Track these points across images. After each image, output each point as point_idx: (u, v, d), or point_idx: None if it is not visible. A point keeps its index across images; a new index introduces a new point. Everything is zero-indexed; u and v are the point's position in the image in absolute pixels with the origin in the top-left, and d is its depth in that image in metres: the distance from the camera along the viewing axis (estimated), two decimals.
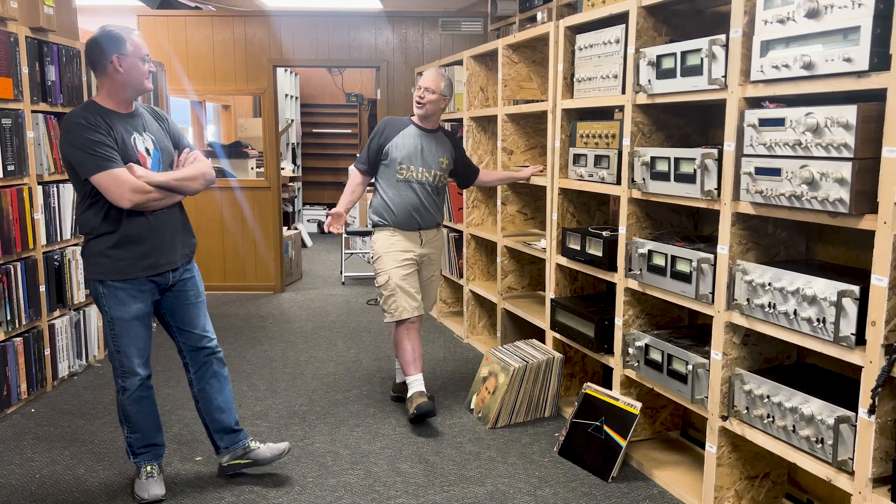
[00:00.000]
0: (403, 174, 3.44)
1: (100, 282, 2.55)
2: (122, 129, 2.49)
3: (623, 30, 2.93)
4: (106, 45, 2.45)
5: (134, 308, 2.58)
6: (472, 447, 3.18)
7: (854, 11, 1.92)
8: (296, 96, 10.55)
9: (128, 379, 2.63)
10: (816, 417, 2.11)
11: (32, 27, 3.77)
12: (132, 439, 2.72)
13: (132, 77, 2.49)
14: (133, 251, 2.53)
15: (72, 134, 2.40)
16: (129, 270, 2.54)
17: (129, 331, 2.59)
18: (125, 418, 2.69)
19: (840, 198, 1.95)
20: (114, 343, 2.61)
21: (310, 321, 5.41)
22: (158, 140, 2.62)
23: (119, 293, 2.55)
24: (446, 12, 6.57)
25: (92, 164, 2.39)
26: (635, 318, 3.02)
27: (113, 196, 2.41)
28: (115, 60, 2.45)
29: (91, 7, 6.97)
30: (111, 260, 2.52)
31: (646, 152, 2.76)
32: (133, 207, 2.44)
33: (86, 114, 2.44)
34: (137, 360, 2.63)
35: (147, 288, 2.60)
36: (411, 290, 3.44)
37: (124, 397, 2.66)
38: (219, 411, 2.86)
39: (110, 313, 2.57)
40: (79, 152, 2.39)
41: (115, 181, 2.39)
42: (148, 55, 2.53)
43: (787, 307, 2.16)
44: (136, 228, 2.52)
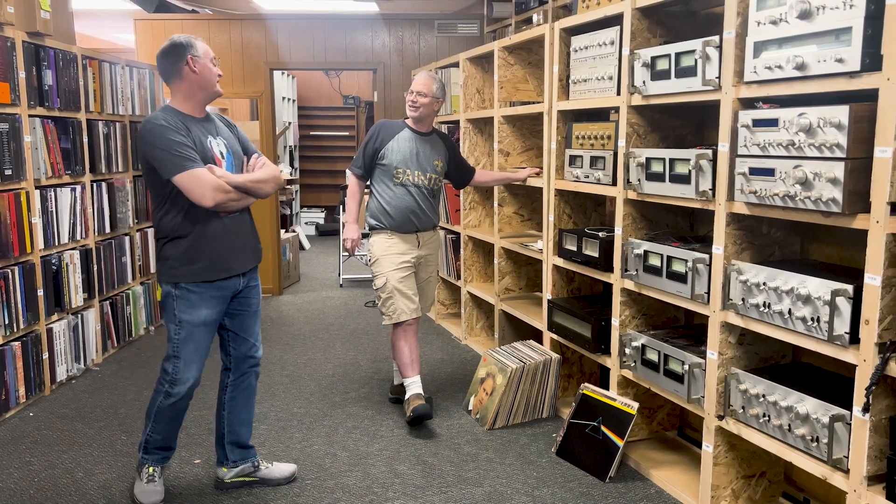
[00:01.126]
0: (400, 178, 3.45)
1: (173, 284, 2.56)
2: (198, 131, 2.54)
3: (618, 31, 2.94)
4: (179, 49, 2.51)
5: (204, 313, 2.58)
6: (469, 448, 3.19)
7: (846, 12, 1.93)
8: (293, 99, 10.55)
9: (177, 386, 2.60)
10: (812, 416, 2.12)
11: (29, 32, 3.78)
12: (151, 438, 2.70)
13: (205, 78, 2.55)
14: (209, 254, 2.55)
15: (153, 135, 2.43)
16: (204, 273, 2.55)
17: (194, 336, 2.58)
18: (155, 418, 2.67)
19: (833, 197, 1.97)
20: (174, 348, 2.59)
21: (308, 324, 5.42)
22: (230, 144, 2.66)
23: (191, 296, 2.56)
24: (442, 15, 6.59)
25: (174, 165, 2.41)
26: (632, 318, 3.03)
27: (195, 195, 2.42)
28: (190, 61, 2.51)
29: (88, 11, 6.99)
30: (187, 263, 2.53)
31: (641, 153, 2.77)
32: (214, 207, 2.46)
33: (165, 116, 2.48)
34: (195, 368, 2.62)
35: (218, 294, 2.61)
36: (409, 293, 3.45)
37: (167, 402, 2.62)
38: (241, 424, 2.85)
39: (179, 316, 2.56)
40: (161, 153, 2.42)
41: (198, 180, 2.42)
42: (216, 58, 2.60)
43: (781, 306, 2.17)
44: (213, 231, 2.55)
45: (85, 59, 4.33)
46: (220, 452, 2.85)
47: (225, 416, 2.83)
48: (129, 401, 3.79)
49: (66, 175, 4.13)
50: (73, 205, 4.17)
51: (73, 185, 4.20)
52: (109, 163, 4.64)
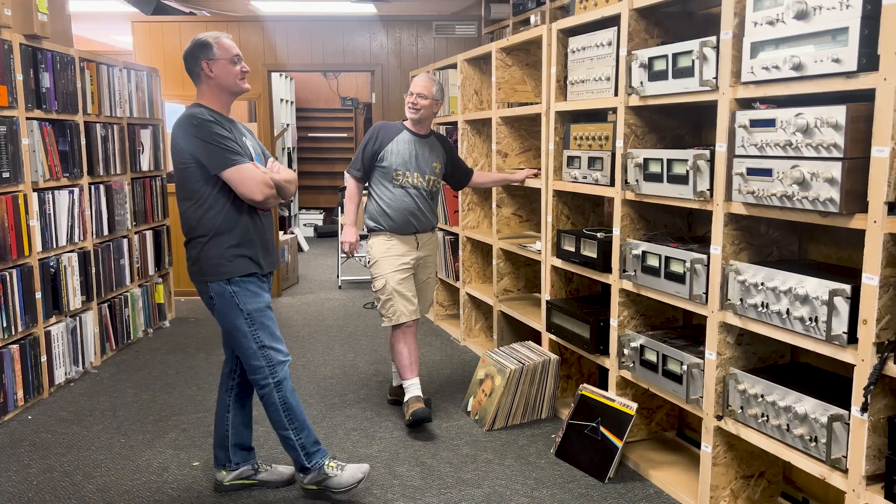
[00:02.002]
0: (399, 180, 3.45)
1: (227, 281, 2.54)
2: (235, 131, 2.57)
3: (615, 32, 2.95)
4: (195, 53, 2.53)
5: (265, 297, 2.62)
6: (468, 450, 3.19)
7: (842, 13, 1.93)
8: (291, 101, 10.55)
9: (278, 371, 2.61)
10: (810, 416, 2.12)
11: (27, 34, 3.78)
12: (303, 439, 2.68)
13: (224, 80, 2.54)
14: (253, 248, 2.58)
15: (200, 129, 2.44)
16: (253, 266, 2.58)
17: (267, 320, 2.60)
18: (290, 415, 2.64)
19: (830, 197, 1.97)
20: (256, 340, 2.58)
21: (306, 325, 5.42)
22: (255, 147, 2.69)
23: (250, 286, 2.57)
24: (440, 16, 6.59)
25: (224, 158, 2.44)
26: (630, 318, 3.03)
27: (246, 188, 2.46)
28: (206, 66, 2.52)
29: (85, 13, 6.99)
30: (237, 257, 2.54)
31: (639, 154, 2.77)
32: (262, 202, 2.50)
33: (208, 112, 2.50)
34: (281, 345, 2.64)
35: (267, 280, 2.66)
36: (408, 294, 3.45)
37: (284, 392, 2.62)
38: (245, 427, 2.86)
39: (247, 308, 2.56)
40: (209, 146, 2.43)
41: (249, 174, 2.45)
42: (238, 56, 2.57)
43: (779, 306, 2.18)
44: (251, 228, 2.58)
45: (82, 61, 4.33)
46: (221, 455, 2.83)
47: (229, 419, 2.82)
48: (128, 403, 3.79)
49: (64, 177, 4.13)
50: (71, 207, 4.17)
51: (71, 187, 4.20)
52: (107, 165, 4.63)
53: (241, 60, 2.60)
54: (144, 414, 3.63)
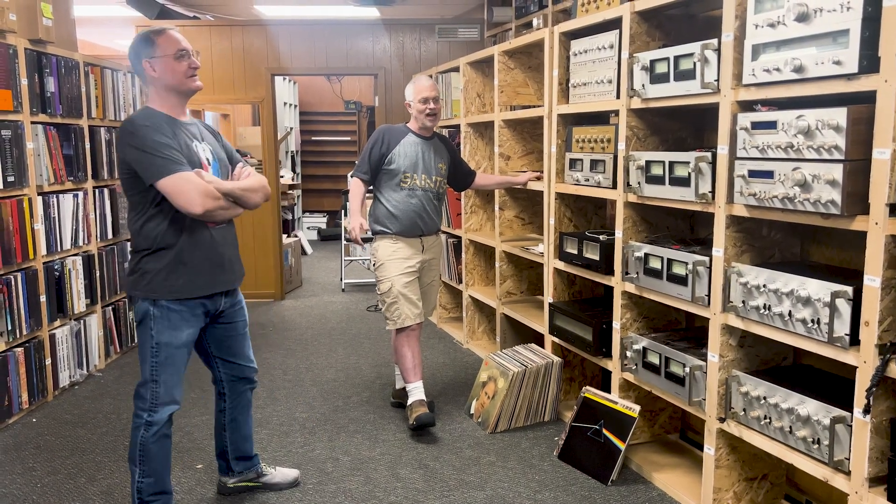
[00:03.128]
0: (407, 182, 3.46)
1: (152, 301, 2.32)
2: (183, 134, 2.33)
3: (617, 35, 2.95)
4: (137, 50, 2.33)
5: (185, 334, 2.38)
6: (471, 452, 3.19)
7: (843, 15, 1.94)
8: (294, 104, 10.58)
9: (158, 412, 2.38)
10: (812, 418, 2.12)
11: (31, 39, 3.80)
12: (144, 484, 2.42)
13: (169, 77, 2.31)
14: (193, 268, 2.34)
15: (135, 137, 2.21)
16: (187, 289, 2.34)
17: (174, 359, 2.37)
18: (143, 458, 2.40)
19: (832, 199, 1.97)
20: (153, 372, 2.36)
21: (310, 328, 5.42)
22: (216, 151, 2.47)
23: (173, 316, 2.34)
24: (443, 20, 6.60)
25: (159, 168, 2.19)
26: (633, 321, 3.03)
27: (183, 200, 2.20)
28: (147, 66, 2.31)
29: (89, 18, 7.01)
30: (170, 277, 2.31)
31: (640, 156, 2.78)
32: (203, 214, 2.24)
33: (148, 116, 2.29)
34: (177, 391, 2.42)
35: (199, 312, 2.42)
36: (413, 298, 3.45)
37: (149, 434, 2.38)
38: (244, 440, 2.78)
39: (157, 338, 2.33)
40: (144, 155, 2.20)
41: (187, 185, 2.20)
42: (184, 51, 2.31)
43: (781, 308, 2.17)
44: (198, 243, 2.34)
45: (87, 65, 4.35)
46: (223, 464, 2.79)
47: (227, 437, 2.75)
48: (132, 407, 3.78)
49: (69, 181, 4.15)
50: (76, 211, 4.19)
51: (76, 191, 4.22)
52: (112, 169, 4.65)
53: (190, 55, 2.33)
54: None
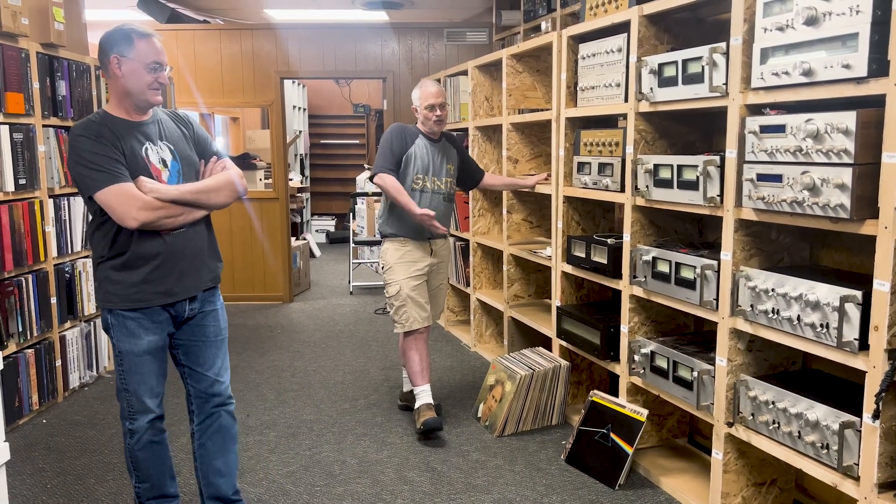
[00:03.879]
0: (419, 184, 3.46)
1: (108, 311, 2.28)
2: (132, 139, 2.20)
3: (625, 39, 2.95)
4: (109, 42, 2.19)
5: (145, 341, 2.28)
6: (478, 455, 3.19)
7: (852, 18, 1.93)
8: (304, 108, 10.62)
9: (136, 420, 2.32)
10: (821, 423, 2.11)
11: (43, 43, 3.83)
12: (141, 489, 2.40)
13: (131, 84, 2.19)
14: (145, 276, 2.24)
15: (73, 149, 2.15)
16: (140, 298, 2.25)
17: (139, 367, 2.28)
18: (133, 465, 2.37)
19: (841, 203, 1.96)
20: (122, 380, 2.31)
21: (318, 331, 5.44)
22: (179, 149, 2.32)
23: (129, 323, 2.26)
24: (451, 23, 6.62)
25: (93, 181, 2.11)
26: (641, 325, 3.03)
27: (117, 215, 2.13)
28: (114, 61, 2.17)
29: (101, 22, 7.07)
30: (121, 286, 2.24)
31: (649, 160, 2.77)
32: (141, 227, 2.15)
33: (90, 124, 2.18)
34: (149, 399, 2.31)
35: (162, 318, 2.31)
36: (421, 301, 3.45)
37: (133, 441, 2.34)
38: (217, 475, 2.49)
39: (119, 346, 2.28)
40: (80, 168, 2.13)
41: (119, 198, 2.11)
42: (158, 64, 2.20)
43: (790, 313, 2.17)
44: (149, 250, 2.23)
45: (98, 69, 4.39)
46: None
47: (198, 468, 2.51)
48: None
49: None
50: (86, 213, 4.22)
51: None
52: None
53: (162, 70, 2.22)
54: None
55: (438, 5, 6.75)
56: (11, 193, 3.54)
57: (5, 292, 3.46)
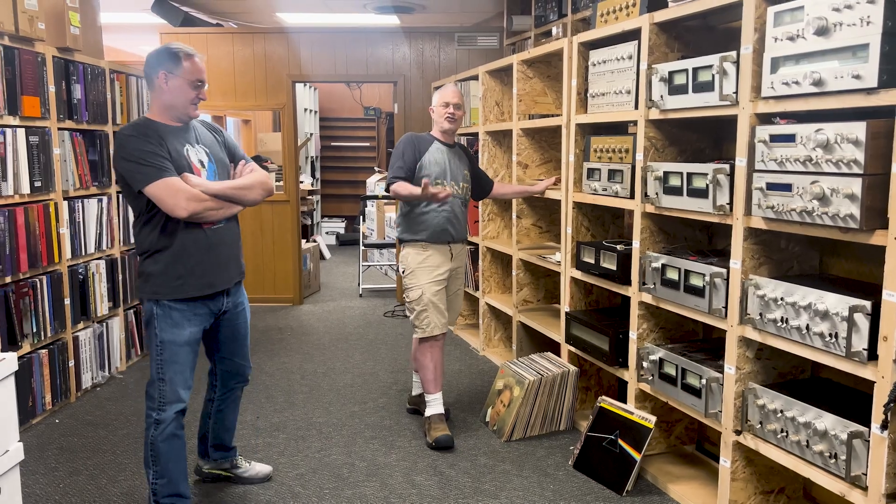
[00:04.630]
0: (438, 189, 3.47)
1: (154, 301, 2.45)
2: (174, 140, 2.44)
3: (636, 46, 2.96)
4: (159, 59, 2.43)
5: (187, 332, 2.48)
6: (486, 460, 3.20)
7: (863, 29, 1.93)
8: (315, 110, 10.67)
9: (166, 410, 2.47)
10: (830, 432, 2.11)
11: (59, 47, 3.88)
12: (158, 485, 2.51)
13: (175, 99, 2.45)
14: (190, 268, 2.44)
15: (123, 148, 2.36)
16: (186, 289, 2.45)
17: (178, 356, 2.47)
18: (153, 458, 2.50)
19: (850, 213, 1.96)
20: (159, 370, 2.46)
21: (327, 333, 5.47)
22: (213, 152, 2.57)
23: (174, 314, 2.45)
24: (462, 28, 6.64)
25: (144, 175, 2.32)
26: (650, 331, 3.03)
27: (168, 205, 2.33)
28: (162, 77, 2.43)
29: (115, 24, 7.14)
30: (168, 277, 2.43)
31: (658, 167, 2.78)
32: (189, 217, 2.36)
33: (137, 125, 2.42)
34: (182, 389, 2.50)
35: (202, 311, 2.52)
36: (441, 307, 3.46)
37: (157, 433, 2.48)
38: (226, 431, 2.93)
39: (161, 336, 2.45)
40: (131, 164, 2.34)
41: (169, 190, 2.32)
42: (200, 81, 2.47)
43: (799, 322, 2.17)
44: (194, 243, 2.44)
45: (112, 73, 4.44)
46: (201, 448, 2.95)
47: (210, 425, 2.90)
48: None
49: (93, 186, 4.22)
50: (100, 215, 4.26)
51: (100, 195, 4.29)
52: None
53: (203, 86, 2.49)
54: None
55: (449, 10, 6.78)
56: (27, 196, 3.58)
57: (20, 293, 3.50)
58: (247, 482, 2.95)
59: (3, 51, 3.39)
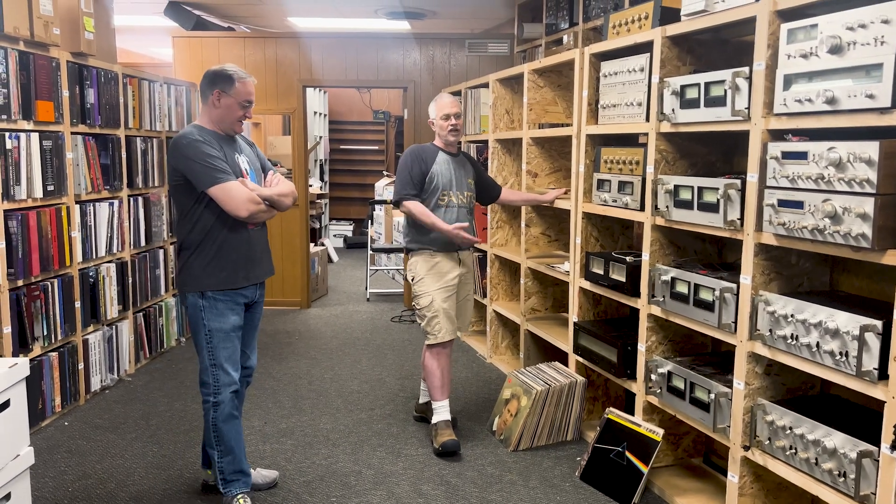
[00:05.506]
0: (445, 199, 3.48)
1: (200, 294, 2.67)
2: (228, 148, 2.70)
3: (647, 59, 2.96)
4: (215, 78, 2.68)
5: (232, 319, 2.71)
6: (493, 470, 3.20)
7: (877, 49, 1.93)
8: (324, 113, 10.70)
9: (222, 392, 2.70)
10: (839, 451, 2.10)
11: (73, 52, 3.91)
12: (224, 464, 2.75)
13: (225, 115, 2.70)
14: (234, 262, 2.69)
15: (189, 148, 2.58)
16: (230, 281, 2.69)
17: (227, 342, 2.70)
18: (217, 439, 2.73)
19: (863, 232, 1.96)
20: (210, 356, 2.70)
21: (335, 338, 5.48)
22: (252, 162, 2.82)
23: (219, 305, 2.68)
24: (473, 34, 6.65)
25: (209, 177, 2.56)
26: (658, 344, 3.03)
27: (231, 206, 2.58)
28: (216, 94, 2.67)
29: (128, 27, 7.18)
30: (214, 271, 2.66)
31: (669, 180, 2.78)
32: (247, 217, 2.62)
33: (201, 132, 2.65)
34: (234, 371, 2.73)
35: (241, 301, 2.75)
36: (452, 314, 3.48)
37: (218, 414, 2.71)
38: None
39: (209, 325, 2.68)
40: (197, 165, 2.56)
41: (234, 192, 2.57)
42: (249, 102, 2.72)
43: (809, 339, 2.17)
44: (238, 241, 2.70)
45: (125, 77, 4.46)
46: (204, 456, 2.96)
47: None
48: (161, 412, 3.87)
49: (105, 190, 4.25)
50: (111, 219, 4.29)
51: (112, 199, 4.32)
52: (146, 177, 4.76)
53: (250, 108, 2.74)
54: (177, 423, 3.72)
55: (461, 16, 6.79)
56: (40, 200, 3.61)
57: (32, 296, 3.53)
58: (252, 488, 2.95)
59: (19, 56, 3.42)
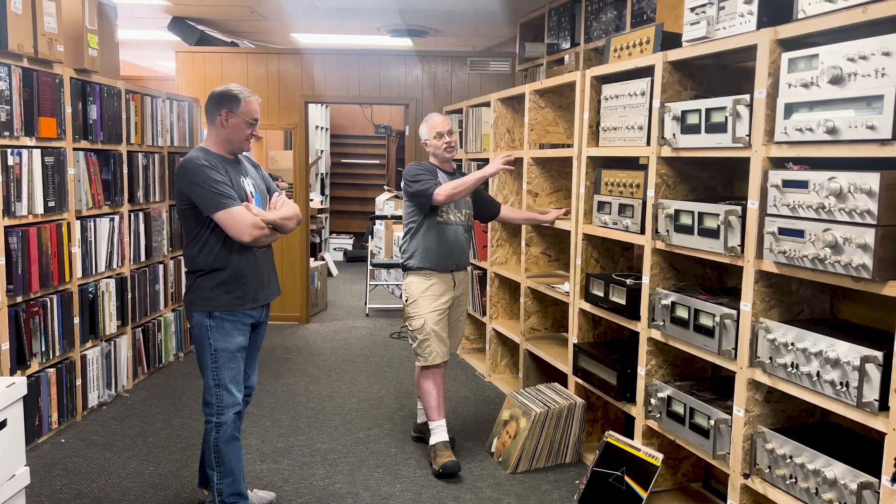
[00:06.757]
0: (444, 216, 3.50)
1: (207, 314, 2.68)
2: (232, 171, 2.71)
3: (649, 83, 2.98)
4: (221, 99, 2.69)
5: (238, 340, 2.72)
6: (491, 493, 3.18)
7: (878, 80, 1.94)
8: (326, 127, 10.73)
9: (225, 413, 2.70)
10: (839, 481, 2.09)
11: (77, 69, 3.92)
12: (223, 485, 2.73)
13: (233, 134, 2.71)
14: (243, 285, 2.70)
15: (195, 174, 2.59)
16: (238, 303, 2.70)
17: (231, 363, 2.70)
18: (218, 460, 2.71)
19: (863, 263, 1.96)
20: (215, 377, 2.70)
21: (333, 354, 5.46)
22: (257, 184, 2.84)
23: (226, 325, 2.69)
24: (475, 52, 6.68)
25: (214, 202, 2.58)
26: (658, 367, 3.02)
27: (235, 231, 2.60)
28: (224, 114, 2.68)
29: (131, 41, 7.22)
30: (223, 293, 2.67)
31: (670, 205, 2.78)
32: (251, 242, 2.63)
33: (207, 156, 2.65)
34: (237, 392, 2.73)
35: (248, 322, 2.76)
36: (443, 336, 3.48)
37: (219, 434, 2.70)
38: None
39: (215, 345, 2.68)
40: (203, 190, 2.58)
41: (238, 217, 2.59)
42: (255, 121, 2.74)
43: (809, 368, 2.16)
44: (246, 264, 2.71)
45: (128, 93, 4.48)
46: (202, 476, 2.97)
47: None
48: (158, 430, 3.85)
49: (106, 206, 4.25)
50: (111, 234, 4.29)
51: (112, 215, 4.32)
52: (147, 193, 4.76)
53: (256, 126, 2.75)
54: (174, 441, 3.70)
55: (463, 34, 6.83)
56: (40, 216, 3.61)
57: (30, 312, 3.52)
58: None
59: (22, 73, 3.43)
